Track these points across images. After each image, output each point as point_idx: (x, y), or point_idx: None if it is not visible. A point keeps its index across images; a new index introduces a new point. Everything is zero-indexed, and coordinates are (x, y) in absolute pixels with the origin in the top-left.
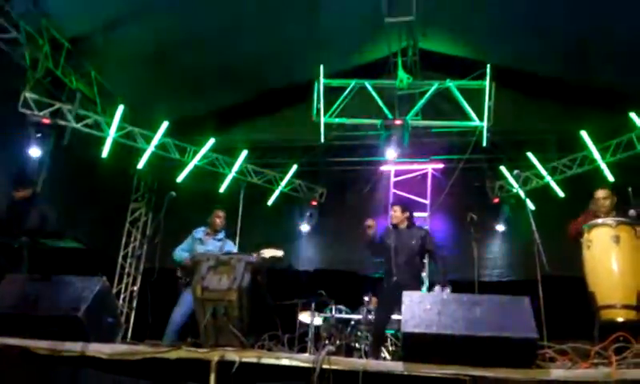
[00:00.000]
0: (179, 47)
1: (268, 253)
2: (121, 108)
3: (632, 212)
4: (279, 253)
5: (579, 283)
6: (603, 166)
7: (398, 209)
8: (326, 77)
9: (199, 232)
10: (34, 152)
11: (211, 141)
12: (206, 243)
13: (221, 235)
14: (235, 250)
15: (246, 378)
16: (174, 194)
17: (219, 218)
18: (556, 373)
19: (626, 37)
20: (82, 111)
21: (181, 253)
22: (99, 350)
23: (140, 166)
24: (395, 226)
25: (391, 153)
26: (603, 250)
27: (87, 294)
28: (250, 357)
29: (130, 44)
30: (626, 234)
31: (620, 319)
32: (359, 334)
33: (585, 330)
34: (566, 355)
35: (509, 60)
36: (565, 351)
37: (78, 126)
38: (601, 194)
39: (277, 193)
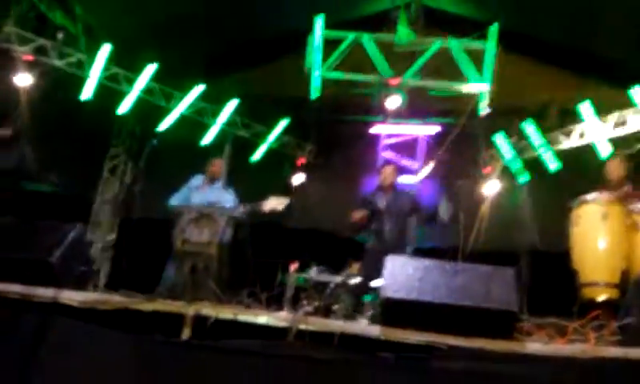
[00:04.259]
0: None
1: (269, 204)
2: (107, 47)
3: (626, 188)
4: (281, 205)
5: (567, 258)
6: (602, 140)
7: (389, 170)
8: (322, 27)
9: (197, 180)
10: (16, 89)
11: (200, 87)
12: (204, 192)
13: (218, 184)
14: (233, 200)
15: (221, 334)
16: (155, 142)
17: (217, 166)
18: (532, 346)
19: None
20: (65, 49)
21: (177, 202)
22: (71, 297)
23: (122, 111)
24: (384, 188)
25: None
26: (590, 227)
27: (61, 240)
28: (226, 313)
29: None
30: (615, 211)
31: (602, 297)
32: (339, 296)
33: (568, 307)
34: (544, 330)
35: (513, 22)
36: (543, 326)
37: (61, 64)
38: (614, 163)
39: (264, 148)
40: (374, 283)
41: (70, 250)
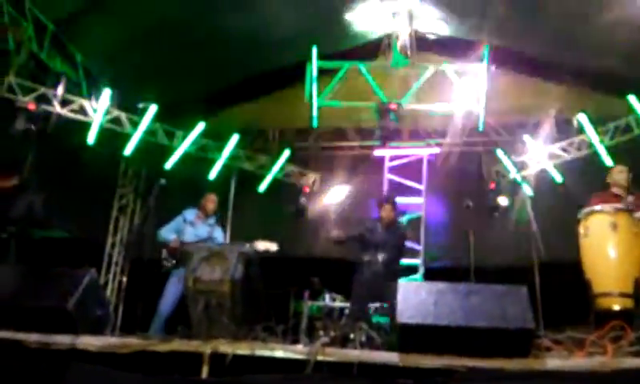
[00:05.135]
0: (166, 29)
1: (262, 245)
2: (107, 92)
3: (630, 199)
4: (273, 247)
5: (577, 268)
6: (601, 150)
7: (389, 208)
8: (318, 58)
9: (190, 214)
10: (21, 138)
11: (201, 125)
12: (197, 227)
13: (212, 220)
14: (223, 236)
15: (239, 369)
16: (163, 181)
17: (212, 202)
18: (552, 363)
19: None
20: (67, 96)
21: (167, 233)
22: (89, 342)
23: (128, 151)
24: (383, 223)
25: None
26: (600, 237)
27: (76, 286)
28: (243, 349)
29: (116, 26)
30: (623, 221)
31: (616, 307)
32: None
33: (582, 317)
34: (562, 344)
35: (506, 41)
36: (560, 340)
37: (64, 111)
38: (618, 168)
39: (269, 178)
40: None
41: (85, 295)
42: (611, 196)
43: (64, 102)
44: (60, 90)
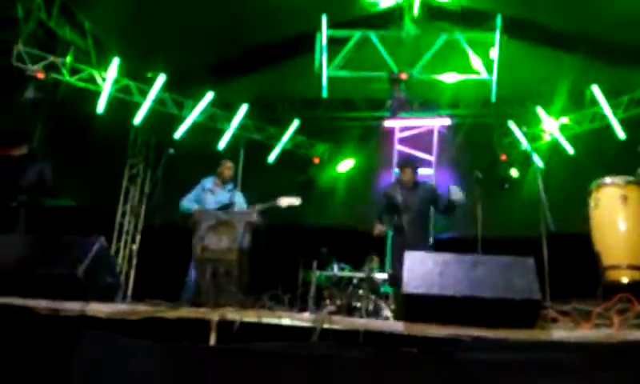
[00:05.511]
0: None
1: (285, 201)
2: (116, 60)
3: None
4: (297, 201)
5: (587, 241)
6: (614, 123)
7: (409, 171)
8: (328, 27)
9: (208, 182)
10: (30, 107)
11: (210, 95)
12: (217, 194)
13: (230, 186)
14: (244, 200)
15: (246, 337)
16: (172, 150)
17: (229, 168)
18: (557, 333)
19: None
20: (76, 64)
21: (189, 203)
22: (99, 309)
23: (137, 121)
24: (404, 185)
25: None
26: (611, 210)
27: (86, 253)
28: (250, 316)
29: None
30: (634, 194)
31: (625, 280)
32: (360, 292)
33: (590, 289)
34: (569, 316)
35: (520, 10)
36: (567, 312)
37: (73, 79)
38: None
39: (278, 149)
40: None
41: (94, 262)
42: None
43: (73, 71)
44: (69, 57)
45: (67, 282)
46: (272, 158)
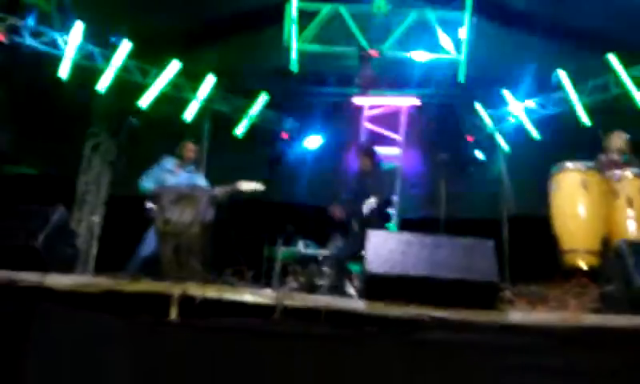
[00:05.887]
0: None
1: (246, 185)
2: (79, 25)
3: (602, 157)
4: (259, 186)
5: (548, 224)
6: (579, 108)
7: (365, 158)
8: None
9: (168, 163)
10: None
11: (175, 63)
12: (177, 175)
13: (191, 168)
14: (205, 182)
15: (207, 313)
16: (134, 119)
17: (191, 151)
18: (514, 316)
19: None
20: (38, 28)
21: (148, 182)
22: (58, 280)
23: (101, 87)
24: (363, 171)
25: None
26: (571, 194)
27: (44, 223)
28: (212, 292)
29: None
30: (594, 179)
31: (583, 264)
32: (325, 270)
33: (551, 273)
34: (526, 299)
35: None
36: (525, 294)
37: (35, 43)
38: (617, 134)
39: (245, 123)
40: None
41: (54, 233)
42: (608, 162)
43: (35, 35)
44: (31, 19)
45: (25, 252)
46: (240, 131)
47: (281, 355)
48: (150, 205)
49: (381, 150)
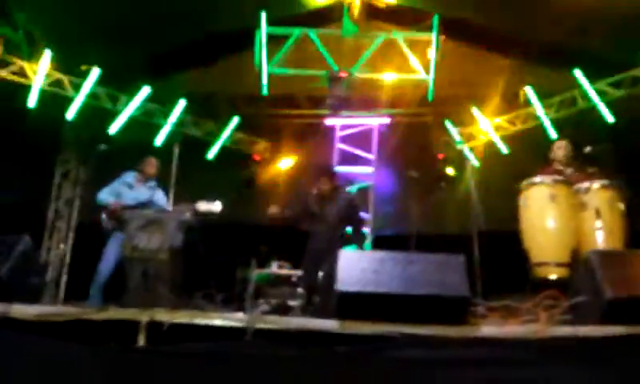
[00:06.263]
0: None
1: (203, 206)
2: (48, 53)
3: (588, 148)
4: (215, 207)
5: (518, 238)
6: (547, 123)
7: (324, 180)
8: (268, 24)
9: (129, 176)
10: None
11: (146, 89)
12: (137, 189)
13: (152, 183)
14: (165, 199)
15: (177, 338)
16: (103, 146)
17: (152, 166)
18: (486, 330)
19: None
20: (6, 57)
21: (106, 195)
22: (23, 311)
23: (70, 115)
24: (323, 194)
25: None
26: (540, 208)
27: (10, 253)
28: (181, 317)
29: None
30: (562, 192)
31: (553, 276)
32: (298, 290)
33: (522, 286)
34: (498, 312)
35: (456, 11)
36: (497, 308)
37: (3, 73)
38: (560, 144)
39: (217, 146)
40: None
41: (19, 262)
42: (552, 172)
43: (3, 64)
44: None
45: None
46: (211, 155)
47: (252, 378)
48: (104, 217)
49: (354, 170)
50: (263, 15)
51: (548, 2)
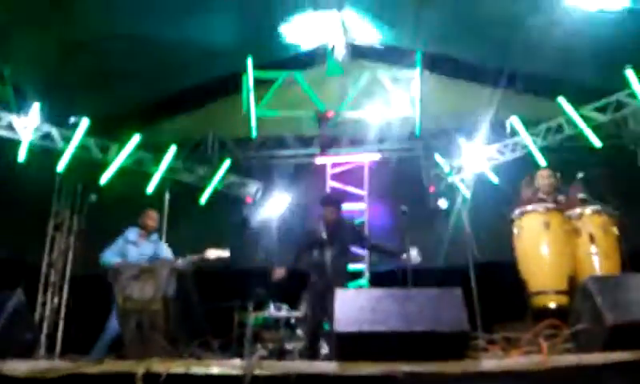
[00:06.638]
0: (96, 41)
1: (213, 253)
2: (36, 106)
3: (580, 175)
4: (225, 253)
5: (514, 268)
6: (535, 151)
7: (332, 209)
8: (254, 68)
9: (132, 234)
10: None
11: (136, 137)
12: (140, 246)
13: (154, 237)
14: (169, 251)
15: None
16: (94, 197)
17: (152, 219)
18: (487, 363)
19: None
20: None
21: (111, 256)
22: (16, 367)
23: (60, 168)
24: (327, 223)
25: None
26: (534, 236)
27: (2, 309)
28: (177, 367)
29: (44, 38)
30: (555, 219)
31: (552, 305)
32: (298, 332)
33: (520, 316)
34: (498, 345)
35: (438, 47)
36: (497, 341)
37: None
38: (544, 173)
39: (209, 190)
40: None
41: (12, 318)
42: (537, 200)
43: None
44: None
45: None
46: (203, 199)
47: None
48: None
49: (347, 206)
50: (249, 60)
51: (531, 33)
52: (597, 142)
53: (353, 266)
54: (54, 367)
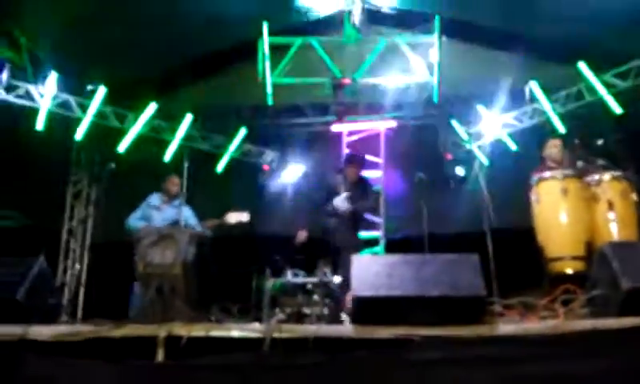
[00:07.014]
0: (113, 7)
1: (233, 217)
2: (54, 75)
3: (599, 141)
4: (245, 217)
5: (532, 234)
6: (554, 118)
7: (353, 168)
8: (270, 34)
9: (155, 199)
10: None
11: (152, 106)
12: (163, 210)
13: (177, 202)
14: (193, 215)
15: (195, 351)
16: (113, 165)
17: (175, 184)
18: (504, 328)
19: None
20: (12, 81)
21: (136, 222)
22: (41, 332)
23: (78, 136)
24: (348, 185)
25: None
26: (552, 203)
27: (25, 275)
28: (198, 330)
29: (61, 5)
30: (573, 185)
31: (569, 271)
32: (314, 298)
33: (537, 282)
34: (515, 310)
35: (457, 12)
36: (514, 306)
37: (9, 97)
38: (555, 142)
39: (226, 158)
40: None
41: (35, 284)
42: (546, 169)
43: (9, 88)
44: (4, 75)
45: (7, 305)
46: (220, 167)
47: None
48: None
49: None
50: (265, 26)
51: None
52: (617, 109)
53: (368, 234)
54: (78, 331)
